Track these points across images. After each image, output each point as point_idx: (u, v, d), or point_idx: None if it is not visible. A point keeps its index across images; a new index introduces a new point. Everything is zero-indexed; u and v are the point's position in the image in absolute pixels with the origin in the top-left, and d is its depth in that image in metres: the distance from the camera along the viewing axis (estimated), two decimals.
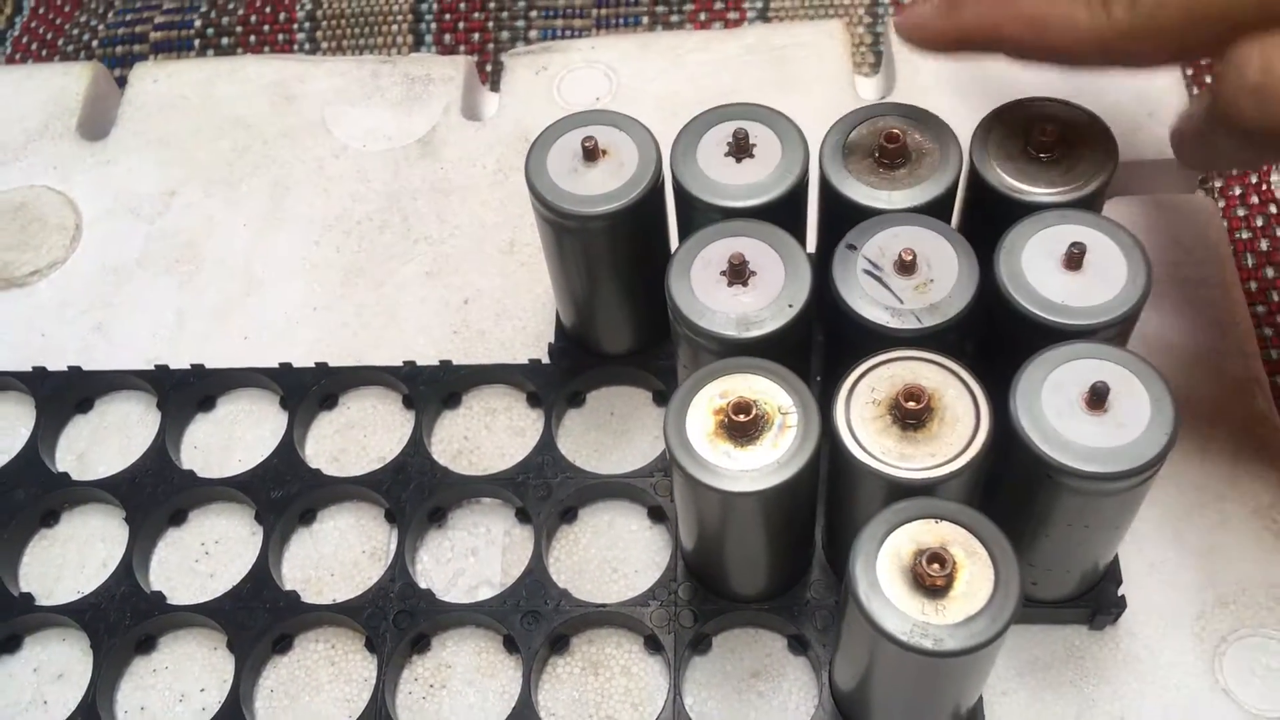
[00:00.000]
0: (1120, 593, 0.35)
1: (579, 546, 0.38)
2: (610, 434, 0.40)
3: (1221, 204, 0.51)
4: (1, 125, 0.49)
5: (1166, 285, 0.41)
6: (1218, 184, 0.51)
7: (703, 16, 0.58)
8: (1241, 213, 0.51)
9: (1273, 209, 0.51)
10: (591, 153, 0.34)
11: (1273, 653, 0.35)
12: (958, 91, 0.45)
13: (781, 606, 0.35)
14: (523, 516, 0.39)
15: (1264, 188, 0.51)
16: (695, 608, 0.36)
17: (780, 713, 0.35)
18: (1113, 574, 0.35)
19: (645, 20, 0.58)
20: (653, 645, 0.36)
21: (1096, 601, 0.35)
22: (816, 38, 0.48)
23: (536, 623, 0.36)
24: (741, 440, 0.30)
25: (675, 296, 0.32)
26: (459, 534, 0.39)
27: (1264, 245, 0.50)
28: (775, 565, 0.34)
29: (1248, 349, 0.40)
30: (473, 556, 0.38)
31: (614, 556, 0.38)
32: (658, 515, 0.38)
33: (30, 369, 0.42)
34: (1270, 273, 0.50)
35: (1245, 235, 0.51)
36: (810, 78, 0.47)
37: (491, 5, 0.60)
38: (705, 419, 0.30)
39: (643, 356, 0.40)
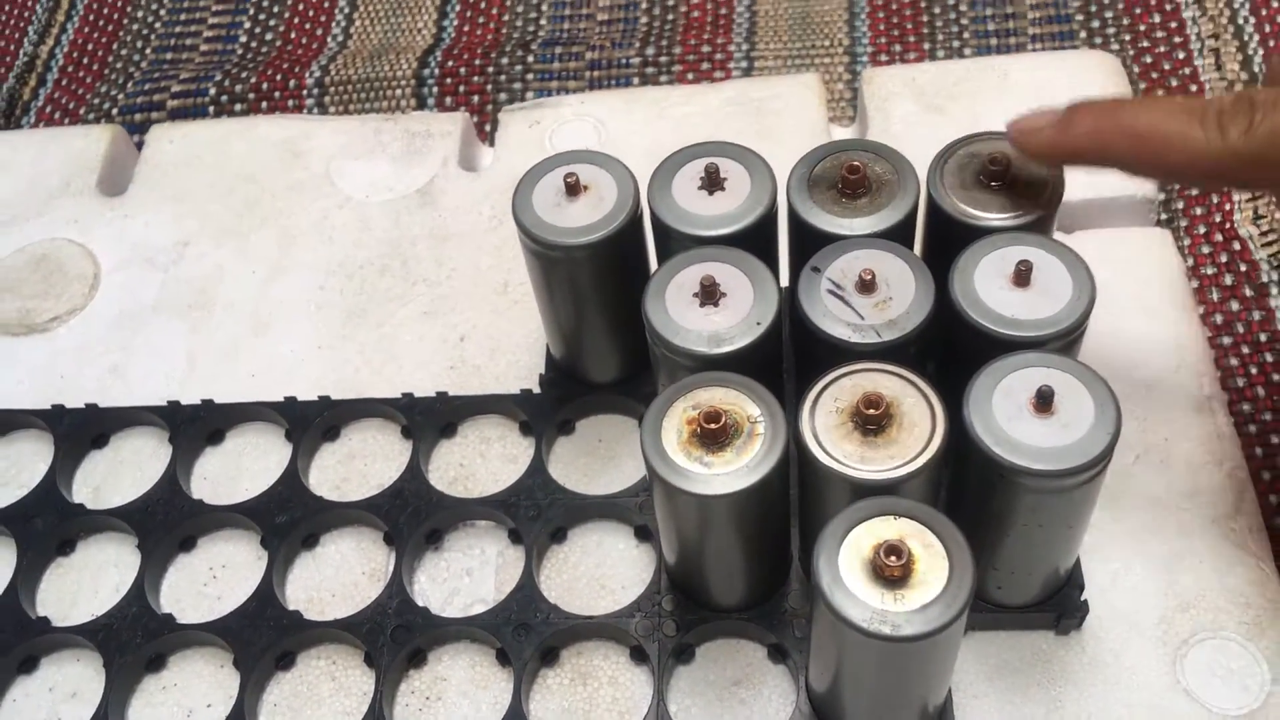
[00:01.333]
0: (1084, 598, 0.36)
1: (568, 565, 0.40)
2: (598, 459, 0.42)
3: (1187, 241, 0.53)
4: (26, 184, 0.52)
5: (1127, 312, 0.44)
6: (1183, 223, 0.53)
7: (690, 77, 0.61)
8: (1206, 250, 0.53)
9: (1235, 245, 0.53)
10: (574, 188, 0.37)
11: (1232, 654, 0.36)
12: (927, 140, 0.48)
13: (761, 616, 0.37)
14: (515, 537, 0.40)
15: (1226, 226, 0.53)
16: (678, 618, 0.37)
17: (761, 718, 0.36)
18: (1075, 580, 0.37)
19: (635, 81, 0.61)
20: (638, 656, 0.38)
21: (1061, 606, 0.36)
22: (793, 89, 0.51)
23: (527, 634, 0.38)
24: (713, 447, 0.32)
25: (651, 316, 0.34)
26: (454, 555, 0.41)
27: (1228, 280, 0.52)
28: (752, 572, 0.36)
29: (1203, 370, 0.42)
30: (467, 576, 0.40)
31: (602, 574, 0.40)
32: (644, 534, 0.40)
33: (50, 407, 0.44)
34: (1235, 305, 0.52)
35: (1210, 270, 0.53)
36: (787, 126, 0.50)
37: (490, 70, 0.63)
38: (679, 428, 0.32)
39: (628, 385, 0.42)
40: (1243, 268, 0.53)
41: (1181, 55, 0.59)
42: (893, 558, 0.29)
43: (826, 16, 0.64)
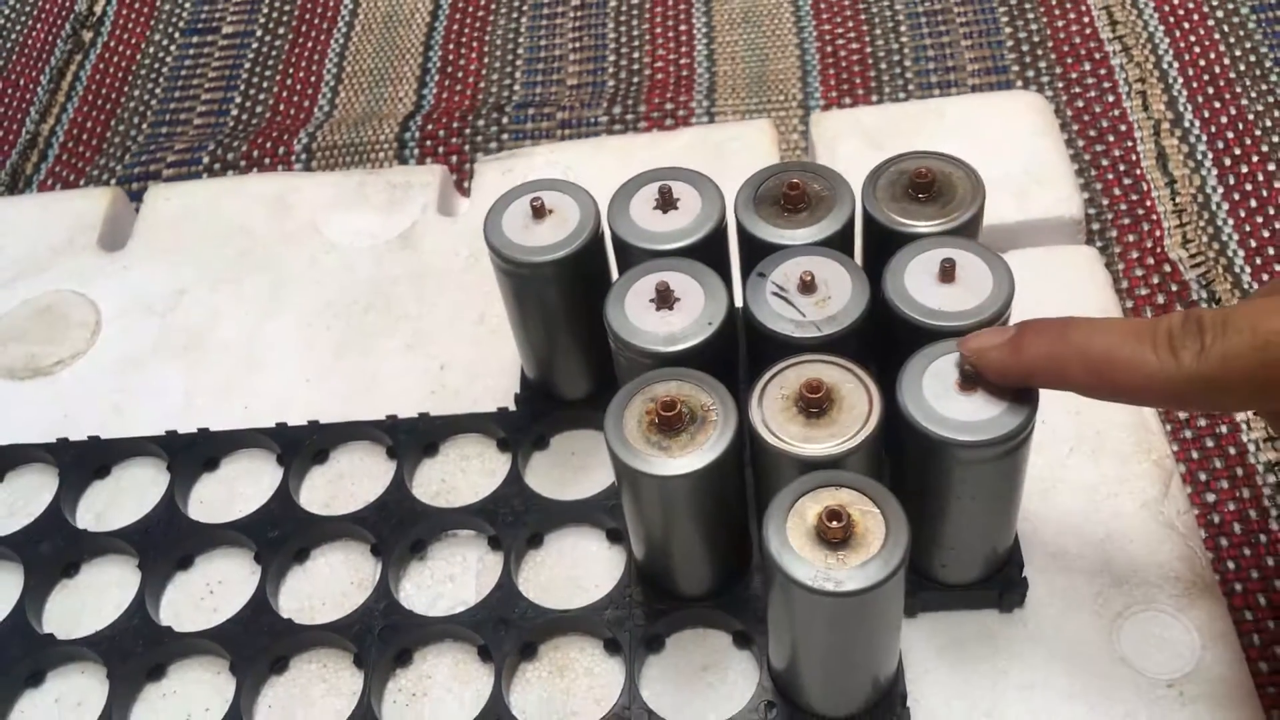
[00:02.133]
0: (1024, 575, 0.39)
1: (545, 567, 0.43)
2: (571, 470, 0.45)
3: (1121, 265, 0.57)
4: (31, 242, 0.55)
5: None
6: (1116, 249, 0.57)
7: (654, 131, 0.65)
8: (1139, 272, 0.57)
9: (1166, 268, 0.57)
10: (539, 211, 0.40)
11: (1164, 625, 0.39)
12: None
13: (725, 605, 0.40)
14: (494, 544, 0.43)
15: (1157, 250, 0.57)
16: (647, 609, 0.40)
17: (727, 701, 0.39)
18: (1015, 559, 0.39)
19: (604, 135, 0.65)
20: (612, 647, 0.40)
21: (1003, 584, 0.39)
22: (748, 133, 0.55)
23: (506, 629, 0.40)
24: (670, 433, 0.35)
25: (612, 320, 0.37)
26: (438, 563, 0.43)
27: (1160, 299, 0.56)
28: (715, 558, 0.38)
29: None
30: (450, 582, 0.43)
31: (577, 574, 0.42)
32: (615, 536, 0.43)
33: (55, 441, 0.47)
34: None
35: (1144, 291, 0.56)
36: (743, 165, 0.53)
37: (467, 131, 0.67)
38: (639, 418, 0.35)
39: (598, 400, 0.45)
40: (1174, 288, 0.56)
41: (1111, 99, 0.63)
42: (834, 522, 0.32)
43: (781, 74, 0.68)
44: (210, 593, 0.43)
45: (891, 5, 0.71)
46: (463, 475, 0.45)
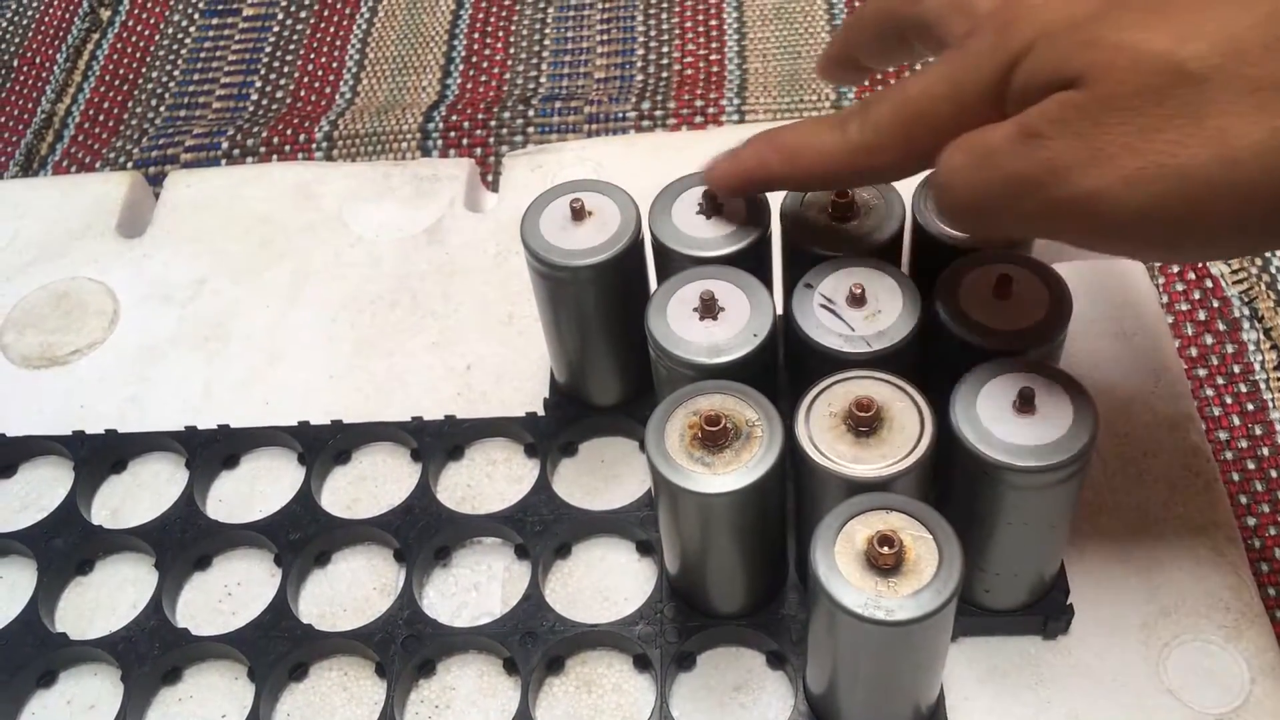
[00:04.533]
0: (1069, 602, 0.38)
1: (572, 579, 0.42)
2: (601, 479, 0.44)
3: (1161, 280, 0.55)
4: (48, 227, 0.54)
5: (1104, 338, 0.46)
6: (1156, 264, 0.56)
7: (684, 129, 0.64)
8: (1180, 287, 0.56)
9: (1207, 283, 0.56)
10: (579, 213, 0.39)
11: (1212, 655, 0.38)
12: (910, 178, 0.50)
13: (759, 623, 0.38)
14: (521, 553, 0.42)
15: (1199, 265, 0.56)
16: (679, 625, 0.39)
17: None
18: (1060, 584, 0.38)
19: (632, 132, 0.64)
20: (641, 664, 0.39)
21: (1047, 610, 0.38)
22: None
23: (533, 642, 0.39)
24: (713, 449, 0.34)
25: (654, 329, 0.36)
26: (462, 571, 0.42)
27: (1202, 315, 0.55)
28: (751, 576, 0.37)
29: (1179, 390, 0.44)
30: (475, 591, 0.42)
31: (606, 586, 0.41)
32: (645, 549, 0.42)
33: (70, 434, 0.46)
34: (1209, 339, 0.54)
35: (1184, 306, 0.55)
36: None
37: (492, 123, 0.66)
38: (682, 432, 0.34)
39: (630, 407, 0.44)
40: (1215, 304, 0.55)
41: None
42: (885, 548, 0.31)
43: (814, 73, 0.67)
44: (229, 595, 0.42)
45: None
46: (489, 481, 0.44)
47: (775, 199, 0.39)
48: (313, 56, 0.73)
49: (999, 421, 0.33)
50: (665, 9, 0.72)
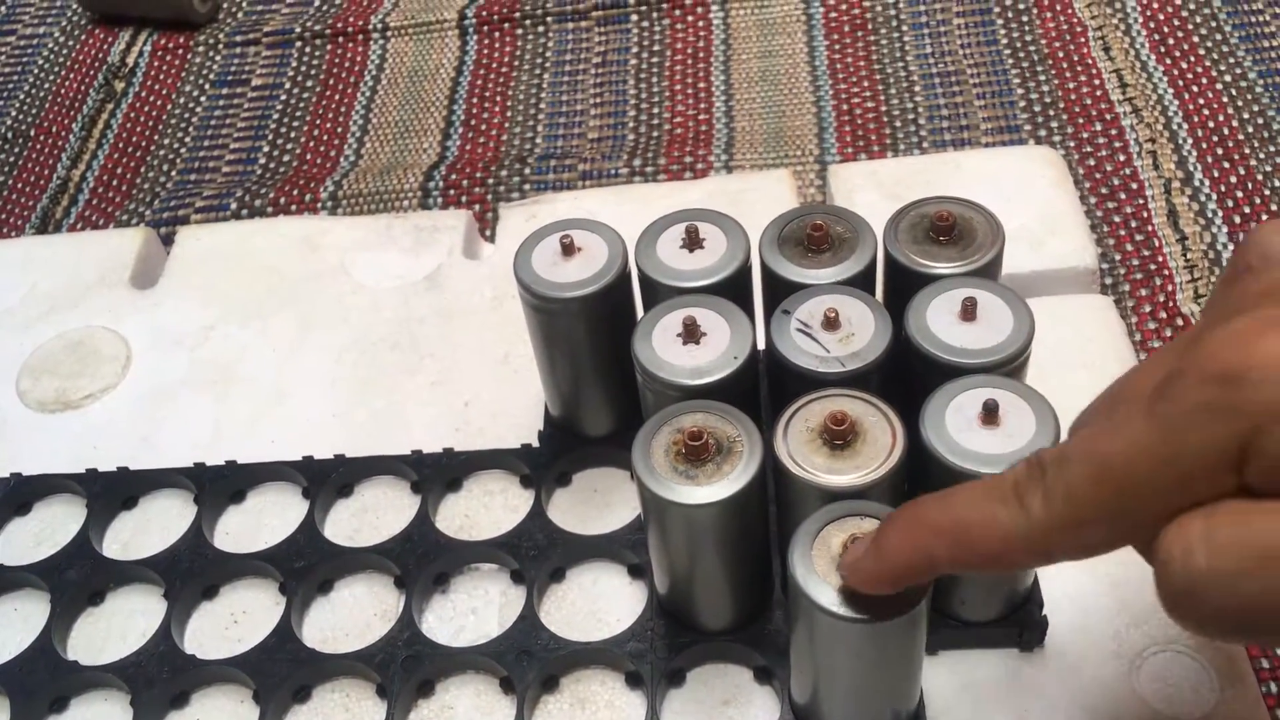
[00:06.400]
0: (1044, 614, 0.39)
1: (566, 601, 0.43)
2: (594, 507, 0.46)
3: (1134, 319, 0.58)
4: (64, 279, 0.56)
5: (1073, 367, 0.48)
6: (1129, 302, 0.58)
7: (674, 168, 0.67)
8: (1152, 325, 0.58)
9: (1179, 322, 0.58)
10: (569, 248, 0.41)
11: (1183, 665, 0.39)
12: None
13: (747, 639, 0.40)
14: (516, 578, 0.43)
15: (1170, 305, 0.58)
16: (669, 642, 0.40)
17: None
18: (1035, 598, 0.40)
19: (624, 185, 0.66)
20: (633, 680, 0.40)
21: (1023, 622, 0.39)
22: (767, 183, 0.56)
23: (529, 660, 0.40)
24: (697, 463, 0.35)
25: (639, 354, 0.38)
26: (460, 596, 0.44)
27: None
28: (738, 589, 0.39)
29: None
30: (472, 615, 0.43)
31: (599, 609, 0.43)
32: (636, 571, 0.43)
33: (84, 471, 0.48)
34: None
35: (1156, 344, 0.57)
36: (762, 214, 0.54)
37: (490, 181, 0.68)
38: (667, 448, 0.36)
39: (621, 437, 0.46)
40: None
41: (1122, 158, 0.64)
42: None
43: (798, 130, 0.70)
44: (235, 622, 0.44)
45: (906, 66, 0.72)
46: (485, 511, 0.46)
47: (758, 225, 0.41)
48: (318, 122, 0.76)
49: (965, 432, 0.35)
50: (656, 73, 0.76)
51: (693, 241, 0.41)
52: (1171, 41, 0.70)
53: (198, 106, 0.78)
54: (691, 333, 0.38)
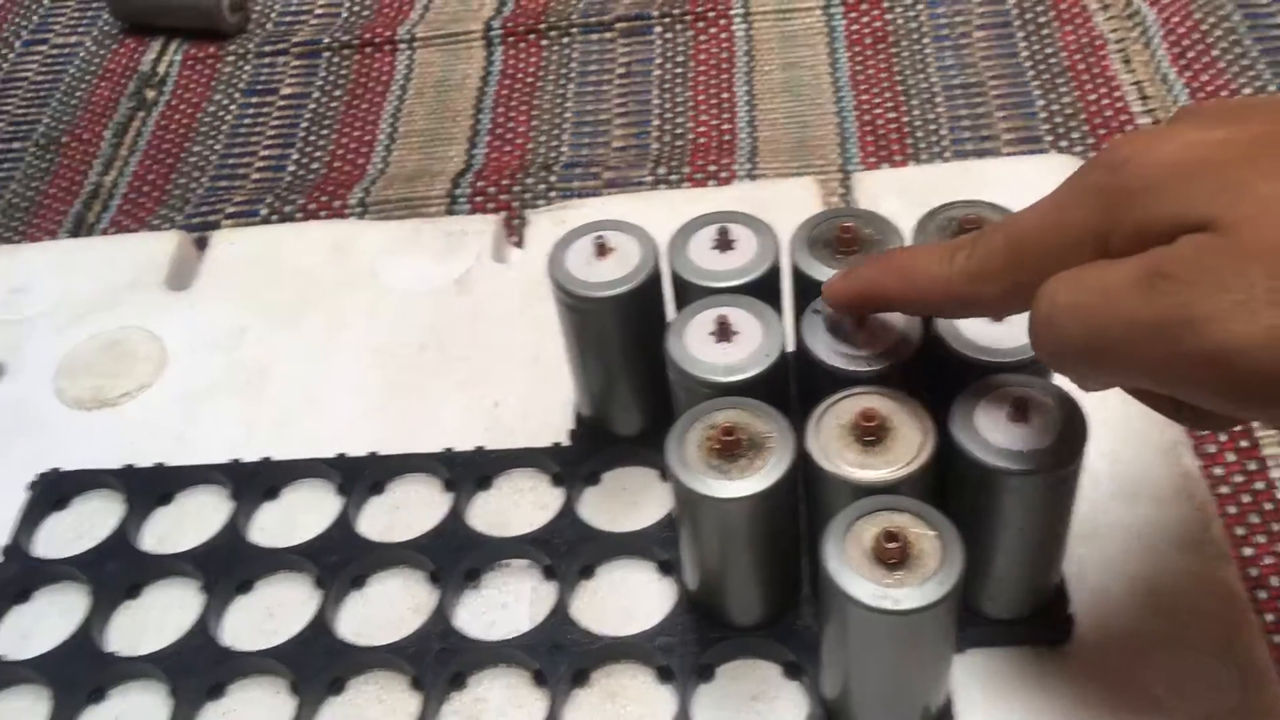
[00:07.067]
0: (1070, 611, 0.40)
1: (596, 598, 0.44)
2: (623, 505, 0.46)
3: None
4: (99, 282, 0.57)
5: None
6: None
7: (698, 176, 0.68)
8: None
9: None
10: (602, 249, 0.42)
11: (1207, 664, 0.40)
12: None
13: (775, 635, 0.40)
14: (548, 574, 0.44)
15: None
16: (700, 636, 0.41)
17: None
18: (1062, 595, 0.40)
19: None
20: (663, 675, 0.41)
21: (1049, 619, 0.40)
22: (793, 190, 0.57)
23: (560, 655, 0.41)
24: (730, 458, 0.36)
25: (672, 351, 0.39)
26: (491, 592, 0.44)
27: None
28: (767, 585, 0.39)
29: None
30: (503, 610, 0.44)
31: (628, 605, 0.43)
32: (666, 568, 0.44)
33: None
34: None
35: None
36: (788, 220, 0.55)
37: (516, 189, 0.69)
38: (699, 443, 0.37)
39: (651, 437, 0.46)
40: None
41: None
42: (892, 543, 0.33)
43: (821, 140, 0.70)
44: (270, 616, 0.44)
45: (928, 77, 0.73)
46: (516, 509, 0.47)
47: (785, 230, 0.42)
48: (346, 130, 0.77)
49: (994, 431, 0.35)
50: (679, 83, 0.77)
51: (724, 243, 0.42)
52: (1192, 55, 0.71)
53: (228, 115, 0.79)
54: (724, 331, 0.39)
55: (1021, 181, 0.55)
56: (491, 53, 0.81)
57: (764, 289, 0.41)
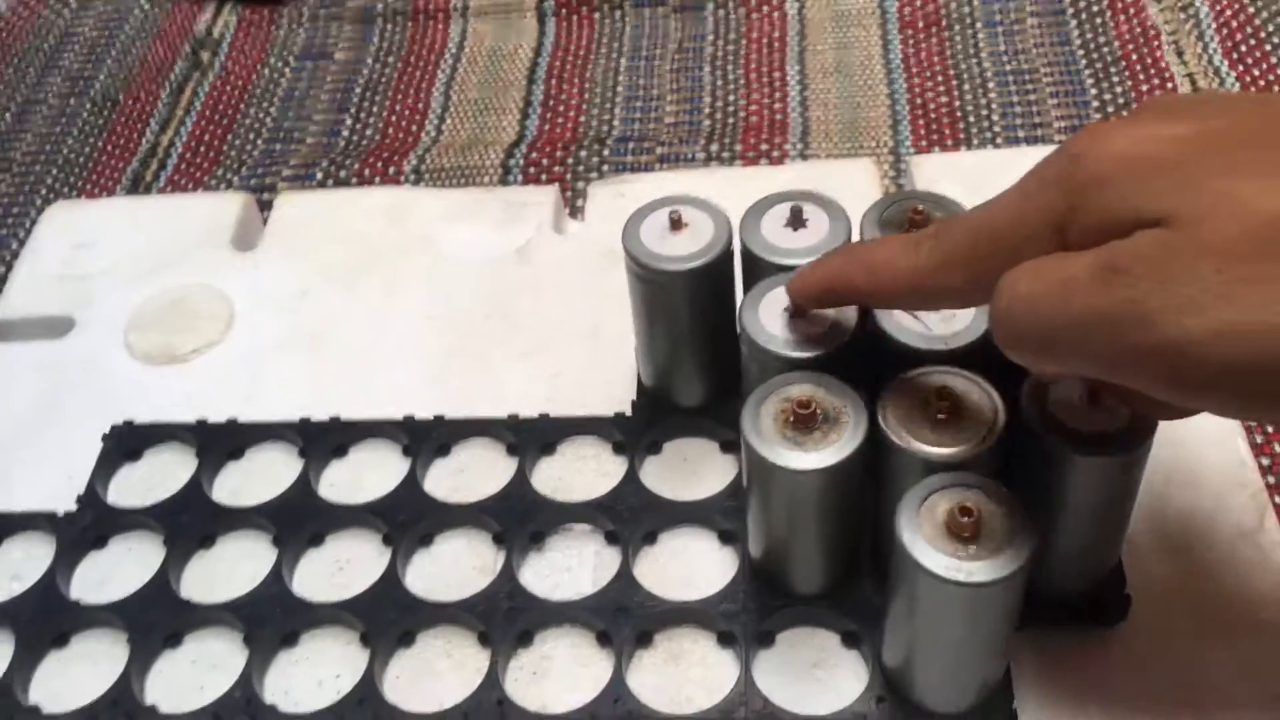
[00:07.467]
0: (1127, 593, 0.41)
1: (658, 564, 0.45)
2: (684, 475, 0.47)
3: None
4: (165, 240, 0.58)
5: None
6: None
7: (750, 155, 0.68)
8: None
9: None
10: (676, 224, 0.43)
11: (1261, 648, 0.41)
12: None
13: (836, 604, 0.42)
14: (611, 539, 0.45)
15: None
16: (762, 603, 0.42)
17: (836, 695, 0.41)
18: (1119, 577, 0.41)
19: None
20: (725, 640, 0.42)
21: (1106, 600, 0.41)
22: (851, 171, 0.58)
23: (625, 617, 0.42)
24: (804, 430, 0.37)
25: (747, 325, 0.40)
26: (555, 555, 0.45)
27: None
28: (830, 556, 0.40)
29: None
30: (567, 573, 0.45)
31: (689, 572, 0.44)
32: (727, 538, 0.45)
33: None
34: None
35: None
36: (846, 202, 0.56)
37: (569, 161, 0.70)
38: (775, 415, 0.38)
39: (712, 410, 0.47)
40: None
41: None
42: (965, 518, 0.34)
43: (872, 123, 0.71)
44: (340, 570, 0.46)
45: (980, 63, 0.74)
46: (578, 476, 0.48)
47: (855, 210, 0.43)
48: (400, 98, 0.77)
49: (1066, 411, 0.36)
50: (731, 62, 0.77)
51: (796, 221, 0.42)
52: (1245, 48, 0.71)
53: (282, 79, 0.80)
54: (799, 306, 0.40)
55: None
56: (544, 25, 0.82)
57: None
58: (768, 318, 0.40)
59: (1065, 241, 0.29)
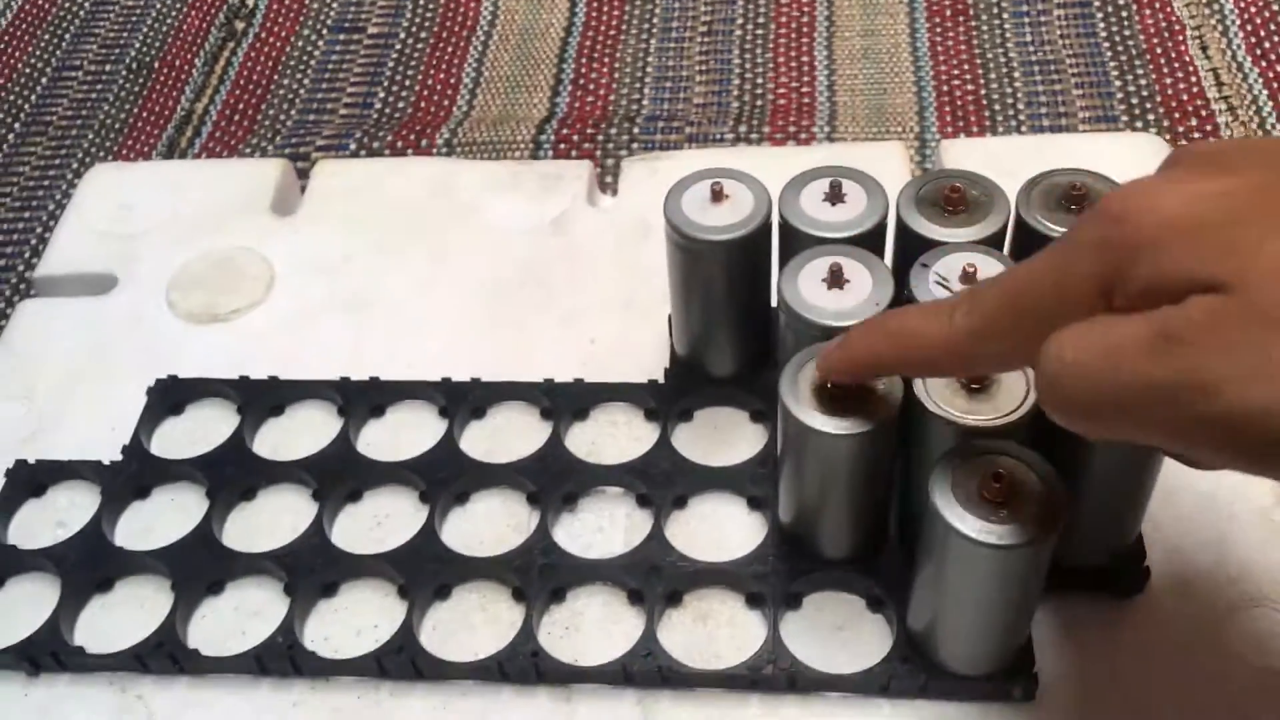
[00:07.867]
0: (1145, 564, 0.42)
1: (688, 528, 0.46)
2: (714, 443, 0.48)
3: None
4: (206, 203, 0.60)
5: None
6: None
7: (778, 136, 0.69)
8: None
9: None
10: (718, 195, 0.44)
11: (1275, 621, 0.42)
12: None
13: (863, 568, 0.43)
14: (642, 501, 0.46)
15: None
16: (790, 566, 0.43)
17: (861, 656, 0.42)
18: (1138, 549, 0.42)
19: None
20: (753, 601, 0.43)
21: (1124, 570, 0.42)
22: (879, 153, 0.59)
23: (657, 576, 0.43)
24: (840, 397, 0.38)
25: (786, 295, 0.41)
26: (588, 516, 0.47)
27: None
28: (859, 521, 0.42)
29: None
30: (599, 534, 0.46)
31: (718, 537, 0.46)
32: (756, 504, 0.46)
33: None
34: None
35: None
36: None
37: (600, 138, 0.71)
38: (812, 381, 0.39)
39: (744, 379, 0.49)
40: None
41: None
42: (996, 485, 0.35)
43: (899, 108, 0.72)
44: (378, 524, 0.47)
45: (1006, 52, 0.75)
46: (611, 440, 0.49)
47: (893, 187, 0.44)
48: (432, 72, 0.78)
49: None
50: (760, 45, 0.78)
51: (835, 196, 0.44)
52: (1269, 44, 0.72)
53: (315, 50, 0.81)
54: (836, 278, 0.41)
55: (1107, 156, 0.57)
56: (575, 4, 0.83)
57: (871, 243, 0.43)
58: (807, 287, 0.41)
59: (1109, 305, 0.28)
